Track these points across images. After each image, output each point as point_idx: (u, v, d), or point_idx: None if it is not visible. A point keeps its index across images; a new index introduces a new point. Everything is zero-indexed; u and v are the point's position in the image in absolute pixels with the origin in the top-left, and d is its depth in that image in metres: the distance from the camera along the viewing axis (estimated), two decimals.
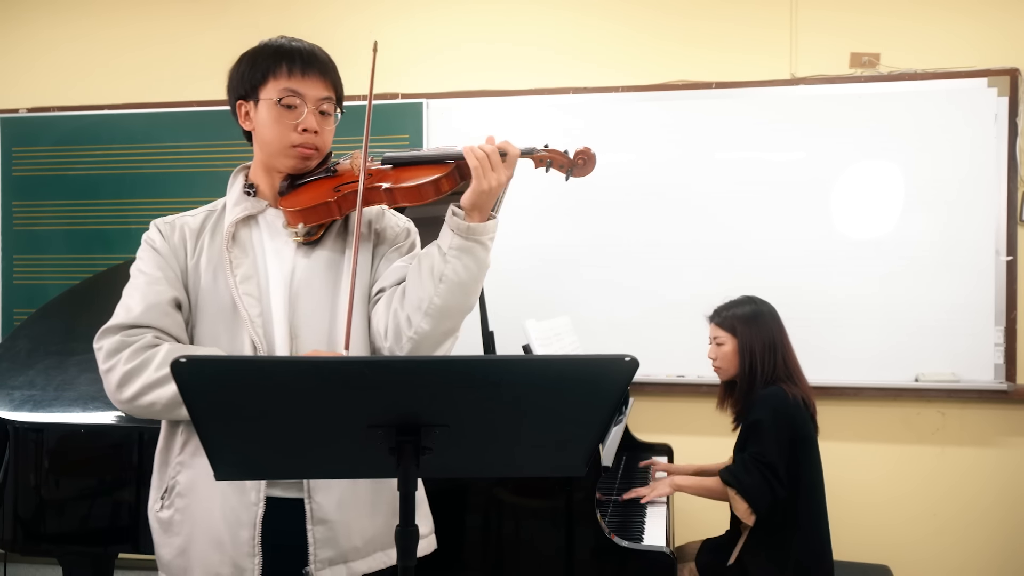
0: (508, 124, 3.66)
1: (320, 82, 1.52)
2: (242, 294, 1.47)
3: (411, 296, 1.42)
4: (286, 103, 1.49)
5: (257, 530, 1.43)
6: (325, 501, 1.45)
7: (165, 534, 1.49)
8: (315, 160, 1.54)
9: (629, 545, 2.05)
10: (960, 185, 3.35)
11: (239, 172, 1.62)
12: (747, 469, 2.37)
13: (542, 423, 1.10)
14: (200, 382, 1.03)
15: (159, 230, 1.54)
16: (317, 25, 3.85)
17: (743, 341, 2.52)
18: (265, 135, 1.52)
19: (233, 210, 1.54)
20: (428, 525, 1.62)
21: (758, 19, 3.54)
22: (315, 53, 1.54)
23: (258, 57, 1.53)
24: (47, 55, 4.11)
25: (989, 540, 3.39)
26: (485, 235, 1.42)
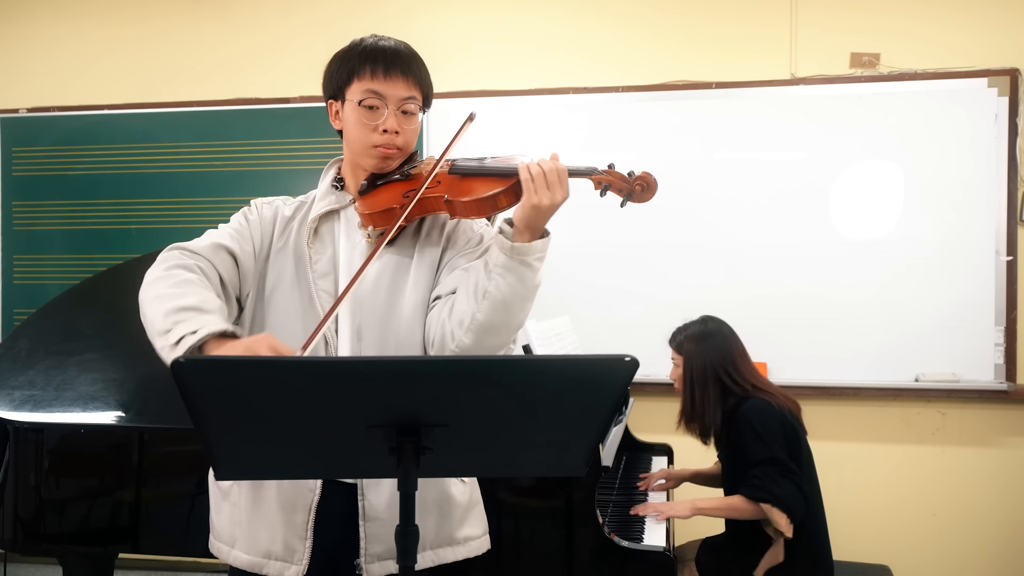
0: (508, 124, 3.67)
1: (402, 82, 1.52)
2: (319, 290, 1.50)
3: (457, 310, 1.42)
4: (367, 104, 1.50)
5: (312, 515, 1.47)
6: (376, 500, 1.48)
7: (223, 500, 1.55)
8: (397, 160, 1.55)
9: (629, 545, 2.05)
10: (960, 185, 3.35)
11: (332, 165, 1.65)
12: (775, 481, 2.32)
13: (542, 423, 1.10)
14: (200, 382, 1.03)
15: (257, 207, 1.60)
16: (317, 25, 3.85)
17: (688, 363, 2.54)
18: (350, 135, 1.55)
19: (319, 204, 1.57)
20: (482, 526, 1.63)
21: (758, 19, 3.54)
22: (399, 52, 1.54)
23: (345, 58, 1.55)
24: (47, 55, 4.11)
25: (989, 540, 3.39)
26: (530, 255, 1.37)
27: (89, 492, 2.32)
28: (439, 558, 1.54)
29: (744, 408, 2.43)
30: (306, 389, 1.04)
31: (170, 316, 1.37)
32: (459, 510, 1.57)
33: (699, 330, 2.59)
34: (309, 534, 1.48)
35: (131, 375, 2.46)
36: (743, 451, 2.42)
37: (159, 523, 2.31)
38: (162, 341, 1.35)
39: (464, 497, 1.58)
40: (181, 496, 2.31)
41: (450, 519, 1.56)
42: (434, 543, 1.54)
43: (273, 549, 1.49)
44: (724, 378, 2.50)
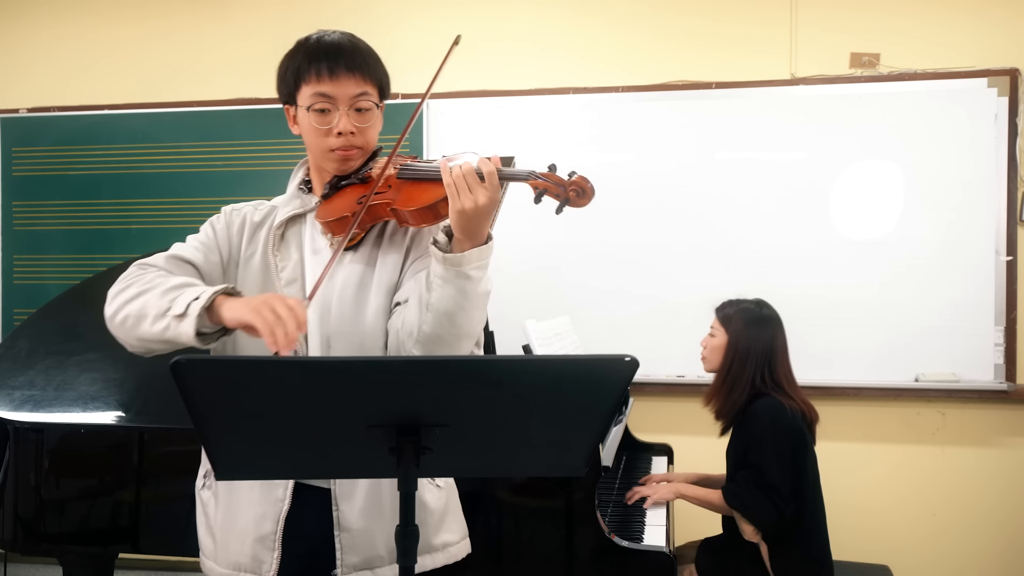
0: (508, 124, 3.67)
1: (351, 79, 1.46)
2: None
3: (406, 321, 1.38)
4: (317, 108, 1.46)
5: (280, 526, 1.45)
6: (349, 510, 1.46)
7: (203, 513, 1.56)
8: (358, 160, 1.52)
9: (629, 545, 2.05)
10: (960, 185, 3.35)
11: (301, 166, 1.62)
12: (750, 492, 2.35)
13: (542, 423, 1.10)
14: (200, 382, 1.03)
15: (225, 215, 1.57)
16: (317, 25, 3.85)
17: (733, 340, 2.50)
18: (307, 140, 1.52)
19: (283, 209, 1.55)
20: (460, 531, 1.61)
21: (758, 19, 3.54)
22: (343, 48, 1.48)
23: (291, 60, 1.51)
24: (47, 55, 4.11)
25: (989, 540, 3.39)
26: (466, 265, 1.31)
27: (89, 492, 2.32)
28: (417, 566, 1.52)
29: (757, 405, 2.43)
30: (306, 389, 1.04)
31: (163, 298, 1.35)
32: (434, 517, 1.54)
33: (755, 313, 2.53)
34: (277, 545, 1.45)
35: (131, 375, 2.46)
36: (743, 443, 2.43)
37: (159, 523, 2.31)
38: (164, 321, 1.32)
39: (439, 503, 1.55)
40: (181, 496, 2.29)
41: (425, 526, 1.52)
42: None
43: (242, 561, 1.47)
44: (763, 368, 2.46)
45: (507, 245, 3.43)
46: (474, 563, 2.07)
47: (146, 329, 1.35)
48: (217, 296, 1.31)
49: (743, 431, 2.46)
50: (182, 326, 1.31)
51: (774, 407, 2.41)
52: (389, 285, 1.49)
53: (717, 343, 2.55)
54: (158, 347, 1.39)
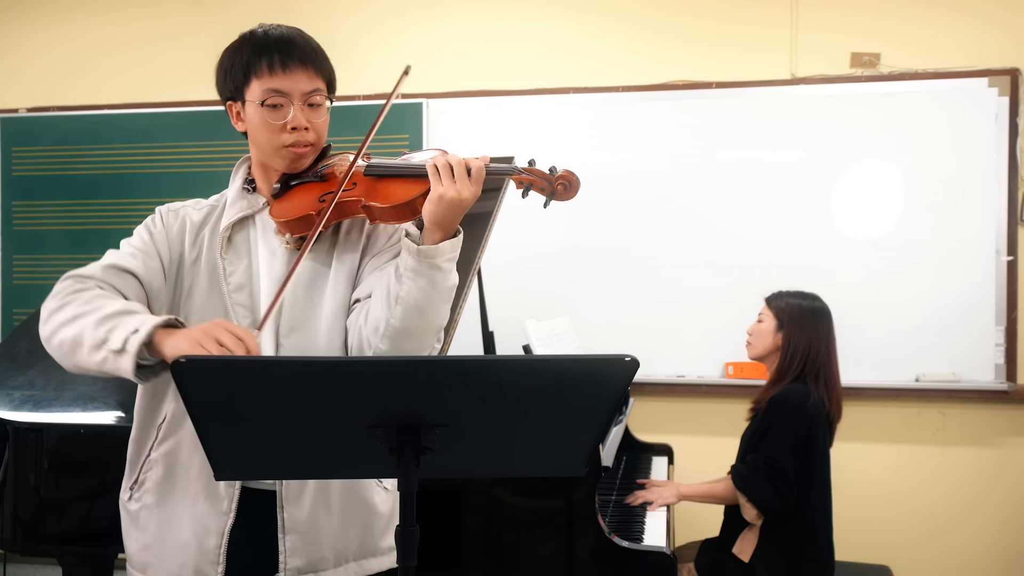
0: (508, 124, 3.66)
1: (303, 74, 1.43)
2: (234, 304, 1.44)
3: (371, 316, 1.36)
4: (270, 103, 1.42)
5: (224, 539, 1.42)
6: (296, 513, 1.43)
7: (132, 526, 1.49)
8: (310, 156, 1.49)
9: (629, 545, 2.05)
10: (961, 185, 3.35)
11: (242, 164, 1.57)
12: (758, 475, 2.36)
13: (542, 423, 1.10)
14: (200, 382, 1.03)
15: (161, 217, 1.51)
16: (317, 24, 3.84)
17: (787, 333, 2.49)
18: (256, 137, 1.47)
19: (230, 210, 1.50)
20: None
21: (758, 19, 3.54)
22: (294, 42, 1.45)
23: (237, 55, 1.46)
24: (47, 55, 4.11)
25: (990, 540, 3.39)
26: (439, 257, 1.31)
27: (89, 492, 2.32)
28: (363, 569, 1.50)
29: (786, 390, 2.42)
30: (306, 389, 1.04)
31: (99, 327, 1.29)
32: (382, 520, 1.52)
33: (809, 305, 2.53)
34: (222, 559, 1.42)
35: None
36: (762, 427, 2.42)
37: None
38: (100, 353, 1.28)
39: (387, 506, 1.53)
40: None
41: (373, 529, 1.51)
42: (358, 554, 1.49)
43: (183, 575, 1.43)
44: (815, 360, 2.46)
45: (507, 245, 3.44)
46: (474, 563, 2.08)
47: (83, 358, 1.31)
48: (156, 330, 1.27)
49: (765, 415, 2.45)
50: (121, 362, 1.26)
51: (800, 393, 2.41)
52: (347, 283, 1.47)
53: (764, 328, 2.55)
54: (96, 374, 1.34)
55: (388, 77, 3.74)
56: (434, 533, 2.06)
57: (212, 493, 1.42)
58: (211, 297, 1.45)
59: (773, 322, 2.53)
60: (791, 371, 2.47)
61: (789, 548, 2.40)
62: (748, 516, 2.40)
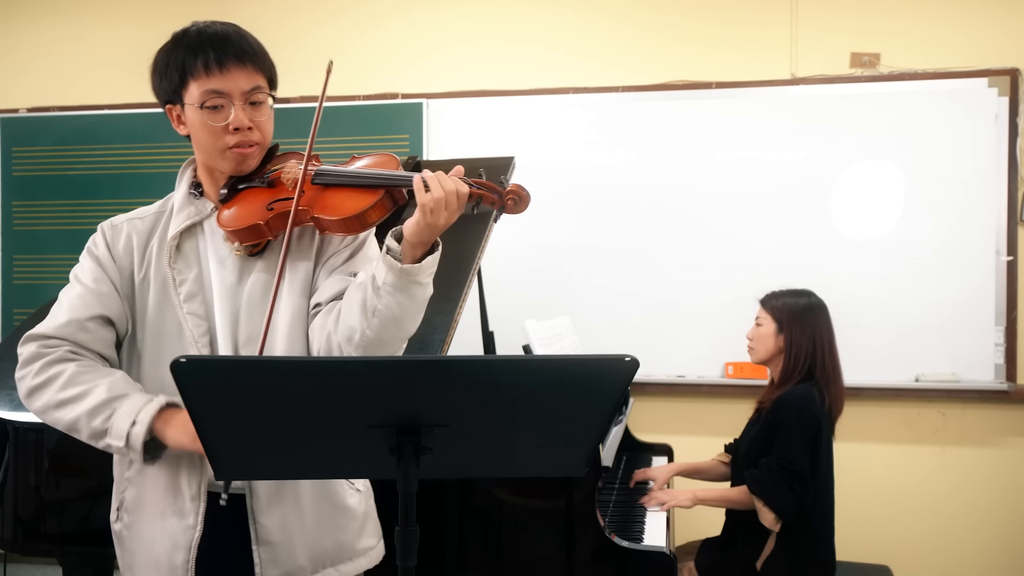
0: (508, 124, 3.66)
1: (242, 72, 1.39)
2: (187, 314, 1.41)
3: (343, 325, 1.34)
4: (210, 105, 1.38)
5: (192, 554, 1.40)
6: (268, 523, 1.42)
7: (119, 547, 1.50)
8: (257, 157, 1.45)
9: (629, 545, 2.05)
10: (961, 185, 3.35)
11: (187, 167, 1.53)
12: (773, 479, 2.34)
13: (542, 423, 1.10)
14: (200, 382, 1.03)
15: (104, 235, 1.48)
16: (316, 23, 3.85)
17: (788, 333, 2.48)
18: (199, 140, 1.43)
19: (177, 219, 1.46)
20: (377, 534, 1.59)
21: (758, 19, 3.54)
22: (230, 40, 1.40)
23: (173, 56, 1.42)
24: (47, 55, 4.11)
25: (990, 540, 3.39)
26: (422, 274, 1.30)
27: (89, 492, 2.32)
28: (341, 574, 1.49)
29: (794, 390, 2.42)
30: (306, 389, 1.04)
31: (93, 418, 1.33)
32: (356, 521, 1.51)
33: (804, 303, 2.52)
34: (190, 573, 1.41)
35: None
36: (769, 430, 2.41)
37: None
38: (102, 442, 1.34)
39: (360, 507, 1.52)
40: None
41: (348, 531, 1.50)
42: (335, 558, 1.49)
43: None
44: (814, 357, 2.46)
45: (507, 245, 3.44)
46: (474, 563, 2.08)
47: (86, 441, 1.38)
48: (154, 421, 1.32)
49: (770, 417, 2.43)
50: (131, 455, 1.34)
51: (805, 393, 2.40)
52: (302, 289, 1.45)
53: (764, 331, 2.54)
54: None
55: (389, 77, 3.77)
56: (434, 533, 2.06)
57: (179, 508, 1.41)
58: (163, 309, 1.43)
59: (772, 324, 2.52)
60: (797, 371, 2.46)
61: (795, 549, 2.39)
62: (766, 522, 2.36)
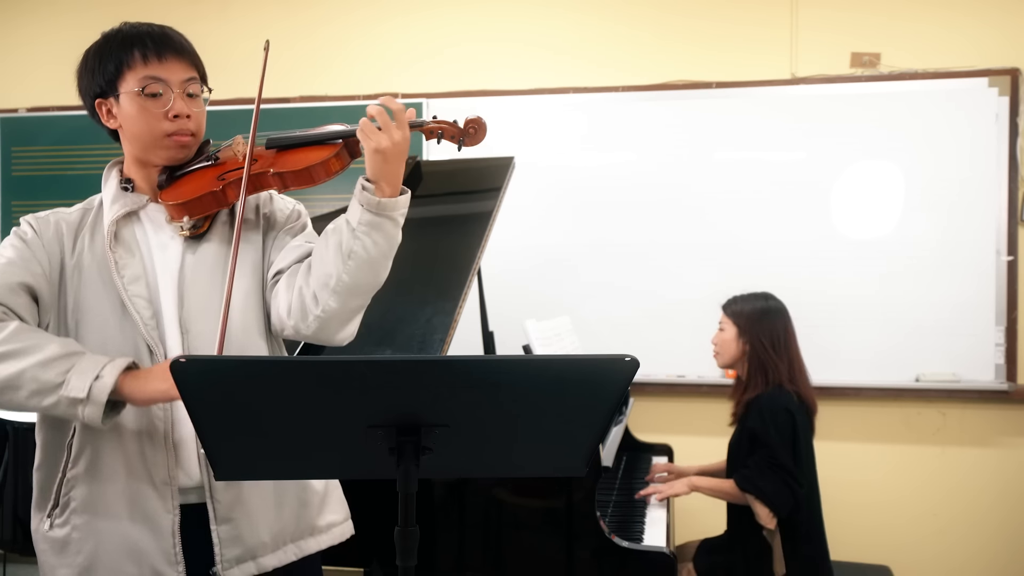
0: (508, 124, 3.66)
1: (179, 63, 1.44)
2: (132, 296, 1.39)
3: (318, 272, 1.36)
4: (149, 92, 1.41)
5: (177, 538, 1.39)
6: (226, 499, 1.41)
7: (60, 555, 1.41)
8: (193, 147, 1.47)
9: (629, 545, 2.05)
10: (961, 185, 3.35)
11: (112, 167, 1.52)
12: (763, 474, 2.37)
13: (542, 423, 1.10)
14: (200, 382, 1.03)
15: (31, 224, 1.45)
16: (316, 23, 3.85)
17: (747, 337, 2.53)
18: (134, 129, 1.43)
19: (112, 208, 1.45)
20: (343, 511, 1.59)
21: (758, 19, 3.54)
22: (167, 34, 1.46)
23: (106, 50, 1.44)
24: (47, 55, 4.11)
25: (990, 540, 3.39)
26: (396, 211, 1.35)
27: None
28: (302, 551, 1.49)
29: (765, 395, 2.44)
30: (306, 389, 1.04)
31: (47, 369, 1.28)
32: (318, 497, 1.51)
33: (762, 306, 2.57)
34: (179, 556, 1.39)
35: None
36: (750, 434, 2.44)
37: None
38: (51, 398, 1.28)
39: (321, 484, 1.52)
40: None
41: (309, 507, 1.50)
42: (295, 535, 1.48)
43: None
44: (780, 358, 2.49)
45: (507, 245, 3.44)
46: (474, 563, 2.08)
47: (18, 399, 1.29)
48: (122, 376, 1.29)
49: (747, 417, 2.48)
50: (84, 410, 1.27)
51: (774, 395, 2.45)
52: (253, 266, 1.48)
53: (727, 336, 2.58)
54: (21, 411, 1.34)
55: (389, 77, 3.77)
56: (434, 533, 2.06)
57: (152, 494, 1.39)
58: (105, 294, 1.40)
59: (733, 329, 2.57)
60: (759, 373, 2.50)
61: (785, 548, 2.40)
62: (762, 519, 2.37)
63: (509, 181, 2.50)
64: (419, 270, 2.28)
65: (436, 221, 2.48)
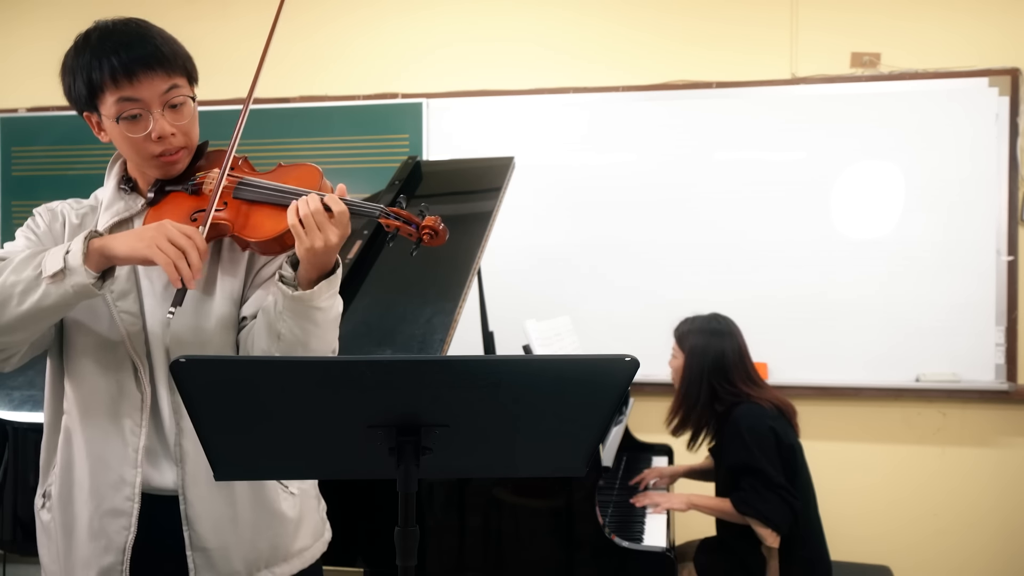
0: (508, 124, 3.66)
1: (153, 77, 1.31)
2: (120, 312, 1.36)
3: (256, 347, 1.33)
4: (127, 116, 1.32)
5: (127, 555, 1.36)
6: (202, 529, 1.39)
7: (45, 535, 1.45)
8: (185, 159, 1.41)
9: (629, 545, 2.05)
10: (961, 185, 3.35)
11: (115, 162, 1.48)
12: (759, 494, 2.35)
13: (542, 423, 1.10)
14: (200, 382, 1.03)
15: (41, 216, 1.46)
16: (316, 23, 3.85)
17: (687, 358, 2.55)
18: (123, 151, 1.40)
19: (106, 214, 1.42)
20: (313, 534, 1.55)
21: (758, 19, 3.54)
22: (132, 44, 1.33)
23: (77, 65, 1.36)
24: (47, 55, 4.08)
25: (990, 541, 3.39)
26: (316, 300, 1.27)
27: None
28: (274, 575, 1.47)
29: (735, 413, 2.44)
30: (306, 389, 1.04)
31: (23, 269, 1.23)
32: (291, 525, 1.48)
33: (704, 327, 2.58)
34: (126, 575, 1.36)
35: None
36: (730, 455, 2.43)
37: None
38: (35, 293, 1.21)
39: (295, 511, 1.49)
40: None
41: (283, 536, 1.47)
42: (269, 561, 1.46)
43: None
44: (715, 382, 2.50)
45: (507, 245, 3.44)
46: (474, 563, 2.08)
47: (11, 311, 1.22)
48: (91, 240, 1.23)
49: (727, 442, 2.47)
50: (68, 281, 1.20)
51: (747, 412, 2.43)
52: (232, 296, 1.41)
53: (676, 364, 2.62)
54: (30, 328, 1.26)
55: (389, 77, 3.77)
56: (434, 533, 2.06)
57: (112, 507, 1.37)
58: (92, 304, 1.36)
59: (682, 356, 2.59)
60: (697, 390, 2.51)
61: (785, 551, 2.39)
62: (767, 540, 2.36)
63: (509, 181, 2.50)
64: (419, 270, 2.28)
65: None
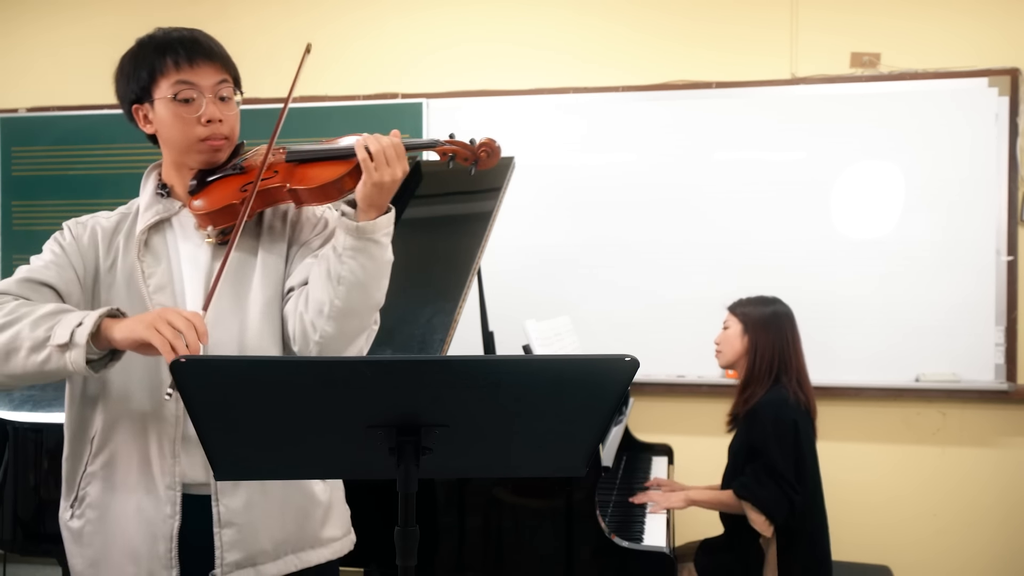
0: (508, 124, 3.66)
1: (210, 67, 1.45)
2: (155, 304, 1.42)
3: (312, 299, 1.37)
4: (182, 97, 1.43)
5: (174, 543, 1.41)
6: (232, 503, 1.42)
7: (76, 544, 1.46)
8: (226, 150, 1.49)
9: (629, 545, 2.05)
10: (961, 185, 3.35)
11: (152, 171, 1.56)
12: (760, 481, 2.36)
13: (542, 423, 1.10)
14: (200, 382, 1.03)
15: (70, 229, 1.52)
16: (316, 23, 3.85)
17: (753, 337, 2.52)
18: (169, 135, 1.47)
19: (144, 215, 1.49)
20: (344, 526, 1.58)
21: (758, 19, 3.54)
22: (197, 39, 1.48)
23: (139, 57, 1.47)
24: (47, 55, 4.11)
25: (990, 541, 3.39)
26: (377, 232, 1.35)
27: None
28: (303, 562, 1.49)
29: (765, 399, 2.43)
30: (306, 389, 1.04)
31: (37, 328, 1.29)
32: (321, 509, 1.51)
33: (770, 311, 2.56)
34: (175, 562, 1.41)
35: None
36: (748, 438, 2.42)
37: None
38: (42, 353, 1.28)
39: (326, 495, 1.52)
40: None
41: (312, 519, 1.50)
42: (297, 546, 1.48)
43: None
44: (783, 363, 2.48)
45: (507, 245, 3.44)
46: (474, 563, 2.08)
47: (19, 363, 1.30)
48: (102, 319, 1.29)
49: (747, 425, 2.46)
50: (69, 356, 1.27)
51: (776, 399, 2.42)
52: (275, 276, 1.48)
53: (731, 333, 2.57)
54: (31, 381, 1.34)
55: (389, 77, 3.77)
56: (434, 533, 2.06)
57: (155, 498, 1.41)
58: (130, 301, 1.43)
59: (739, 326, 2.56)
60: (760, 374, 2.49)
61: (785, 550, 2.39)
62: (758, 526, 2.37)
63: (509, 181, 2.50)
64: (419, 270, 2.28)
65: (436, 221, 2.48)
